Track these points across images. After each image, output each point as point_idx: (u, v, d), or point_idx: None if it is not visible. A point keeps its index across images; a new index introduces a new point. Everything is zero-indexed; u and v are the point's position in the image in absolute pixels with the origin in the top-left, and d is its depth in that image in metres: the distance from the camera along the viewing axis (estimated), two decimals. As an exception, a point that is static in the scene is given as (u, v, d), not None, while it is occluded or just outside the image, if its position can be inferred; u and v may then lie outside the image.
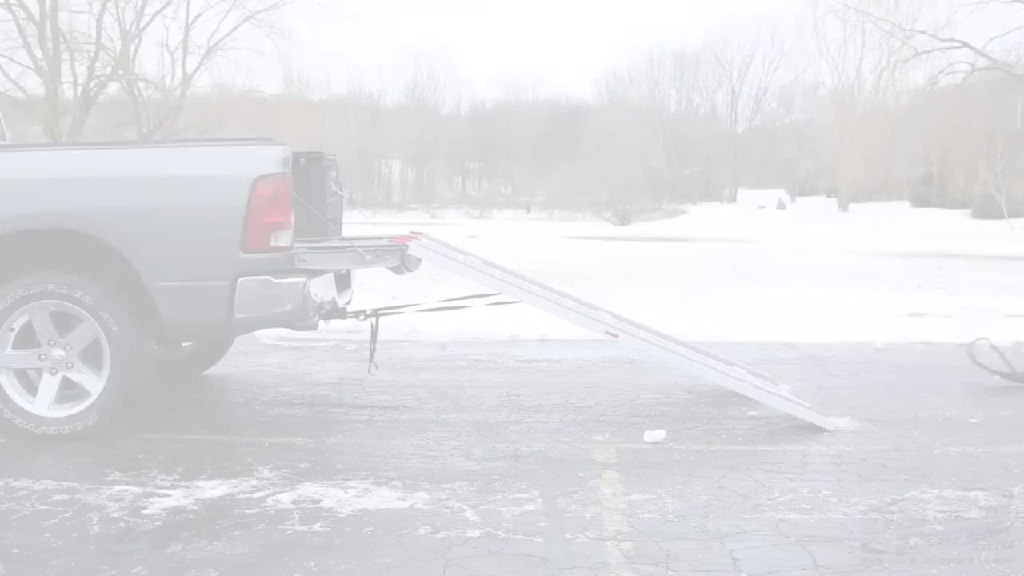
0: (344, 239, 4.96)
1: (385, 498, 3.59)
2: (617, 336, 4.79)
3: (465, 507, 3.48)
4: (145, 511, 3.43)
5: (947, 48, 26.05)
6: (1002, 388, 5.77)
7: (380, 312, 5.42)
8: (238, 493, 3.64)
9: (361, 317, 5.27)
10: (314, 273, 4.54)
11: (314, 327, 4.65)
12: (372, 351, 5.22)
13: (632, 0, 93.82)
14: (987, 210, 32.92)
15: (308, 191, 4.91)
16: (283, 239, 4.29)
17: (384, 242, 4.79)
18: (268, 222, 4.20)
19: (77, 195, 4.23)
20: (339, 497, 3.59)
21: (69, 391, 4.39)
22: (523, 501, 3.55)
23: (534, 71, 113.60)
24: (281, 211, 4.24)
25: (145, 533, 3.23)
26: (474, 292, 5.44)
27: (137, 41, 26.27)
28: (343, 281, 5.27)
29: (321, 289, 4.63)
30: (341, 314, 5.14)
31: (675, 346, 5.29)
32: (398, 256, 4.72)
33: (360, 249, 4.66)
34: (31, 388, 4.39)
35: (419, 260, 4.91)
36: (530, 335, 7.50)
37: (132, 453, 4.17)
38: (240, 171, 4.21)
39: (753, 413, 4.97)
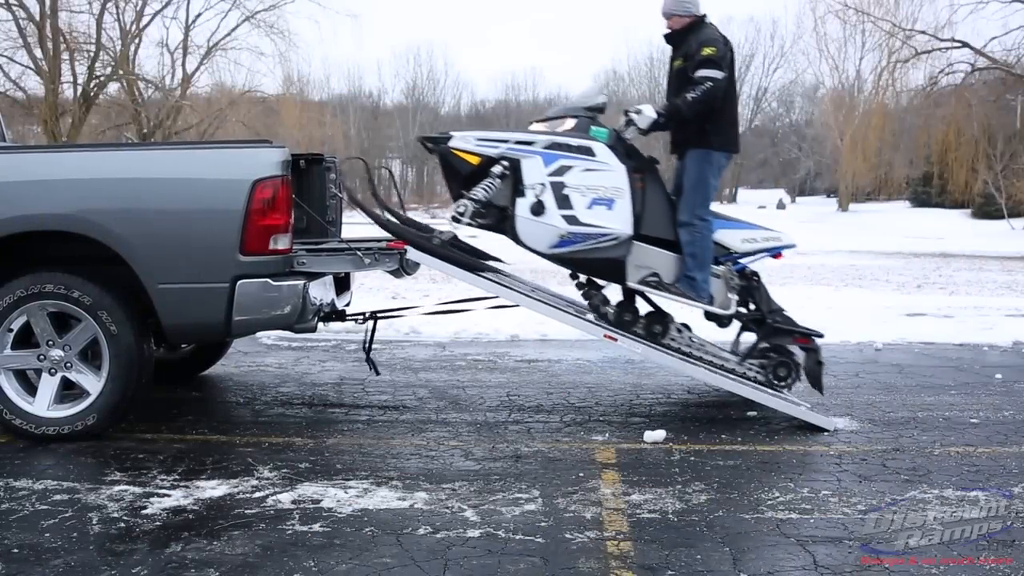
0: (343, 242, 4.97)
1: (385, 498, 3.59)
2: (616, 340, 4.79)
3: (465, 507, 3.48)
4: (145, 511, 3.43)
5: (947, 48, 26.04)
6: (1002, 388, 5.78)
7: (378, 315, 5.42)
8: (238, 493, 3.64)
9: (360, 320, 5.28)
10: (313, 275, 4.54)
11: (313, 329, 4.65)
12: (367, 351, 5.22)
13: (632, 0, 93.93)
14: (987, 210, 32.94)
15: (307, 193, 4.91)
16: (282, 242, 4.29)
17: (383, 245, 4.80)
18: (267, 225, 4.20)
19: (76, 197, 4.21)
20: (339, 497, 3.59)
21: (68, 391, 4.40)
22: (523, 501, 3.55)
23: (534, 71, 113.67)
24: (280, 214, 4.24)
25: (145, 533, 3.23)
26: (473, 295, 5.45)
27: (137, 41, 26.24)
28: (342, 283, 5.27)
29: (320, 291, 4.63)
30: (340, 316, 5.15)
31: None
32: (397, 260, 4.73)
33: (359, 252, 4.68)
34: (30, 388, 4.39)
35: (417, 264, 4.92)
36: (530, 335, 7.51)
37: (132, 453, 4.17)
38: (239, 174, 4.21)
39: (753, 413, 4.98)
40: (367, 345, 5.17)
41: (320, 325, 4.79)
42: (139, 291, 4.27)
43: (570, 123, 4.86)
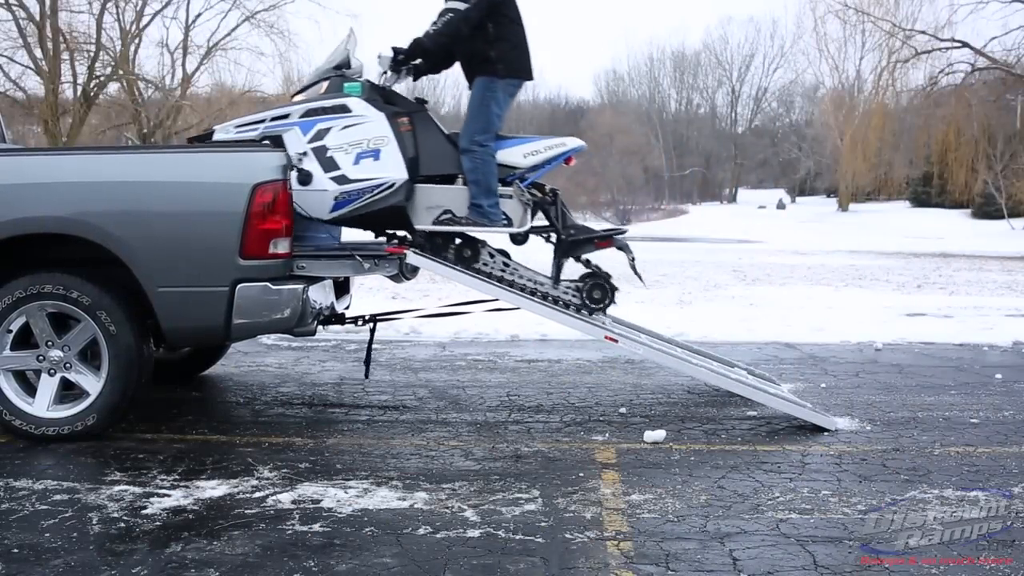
0: (343, 245, 4.97)
1: (385, 498, 3.59)
2: (617, 341, 4.78)
3: (465, 507, 3.48)
4: (145, 511, 3.43)
5: (947, 48, 26.07)
6: (1002, 388, 5.78)
7: (378, 318, 5.43)
8: (238, 493, 3.64)
9: (360, 323, 5.28)
10: (313, 279, 4.55)
11: (313, 333, 4.66)
12: (368, 356, 5.23)
13: (632, 0, 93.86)
14: (987, 210, 33.00)
15: None
16: (282, 246, 4.29)
17: (382, 251, 4.80)
18: (267, 229, 4.20)
19: (76, 200, 4.22)
20: (339, 497, 3.59)
21: (68, 391, 4.39)
22: (523, 501, 3.55)
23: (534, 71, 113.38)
24: (280, 218, 4.24)
25: (145, 533, 3.23)
26: (474, 297, 5.45)
27: (137, 41, 26.18)
28: (342, 286, 5.27)
29: (320, 295, 4.64)
30: (340, 320, 5.15)
31: (676, 349, 5.28)
32: (396, 264, 4.74)
33: (359, 257, 4.68)
34: (30, 389, 4.38)
35: (417, 269, 4.92)
36: (530, 335, 7.51)
37: (132, 453, 4.17)
38: (239, 177, 4.21)
39: (753, 413, 4.97)
40: (369, 348, 5.19)
41: (319, 328, 4.79)
42: (138, 292, 4.27)
43: (324, 86, 4.84)
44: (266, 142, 4.60)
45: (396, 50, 4.82)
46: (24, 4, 22.82)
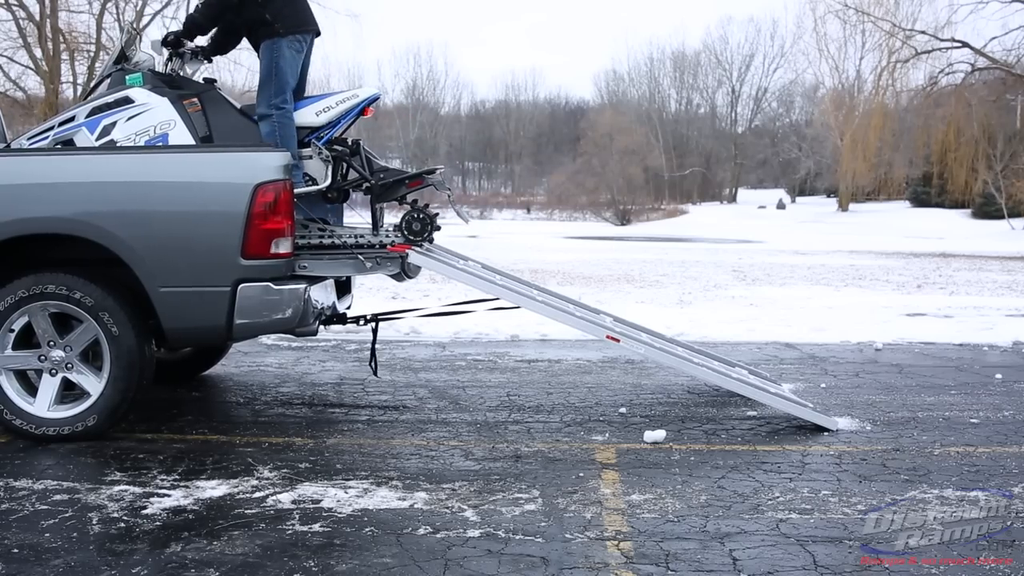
0: (345, 244, 4.97)
1: (385, 498, 3.59)
2: (619, 340, 4.79)
3: (465, 507, 3.48)
4: (145, 511, 3.44)
5: (947, 48, 26.08)
6: (1002, 388, 5.78)
7: (380, 317, 5.43)
8: (238, 493, 3.64)
9: (361, 322, 5.28)
10: (314, 279, 4.54)
11: (314, 333, 4.65)
12: (372, 355, 5.23)
13: (632, 0, 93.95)
14: (987, 210, 33.00)
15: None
16: (283, 246, 4.29)
17: (384, 250, 4.80)
18: (269, 229, 4.21)
19: (77, 200, 4.22)
20: (339, 497, 3.59)
21: (69, 392, 4.39)
22: (523, 501, 3.55)
23: (534, 71, 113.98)
24: (282, 217, 4.25)
25: (145, 533, 3.23)
26: (474, 296, 5.45)
27: (137, 41, 26.26)
28: (343, 286, 5.27)
29: (321, 295, 4.64)
30: (341, 319, 5.15)
31: (677, 348, 5.29)
32: (398, 263, 4.74)
33: (360, 256, 4.68)
34: (31, 389, 4.39)
35: (419, 268, 4.92)
36: (530, 335, 7.51)
37: (132, 453, 4.18)
38: (241, 177, 4.22)
39: (753, 413, 4.98)
40: (373, 348, 5.21)
41: (320, 328, 4.79)
42: (140, 292, 4.28)
43: (106, 83, 4.86)
44: (59, 147, 4.60)
45: (171, 33, 4.88)
46: (24, 4, 22.82)
